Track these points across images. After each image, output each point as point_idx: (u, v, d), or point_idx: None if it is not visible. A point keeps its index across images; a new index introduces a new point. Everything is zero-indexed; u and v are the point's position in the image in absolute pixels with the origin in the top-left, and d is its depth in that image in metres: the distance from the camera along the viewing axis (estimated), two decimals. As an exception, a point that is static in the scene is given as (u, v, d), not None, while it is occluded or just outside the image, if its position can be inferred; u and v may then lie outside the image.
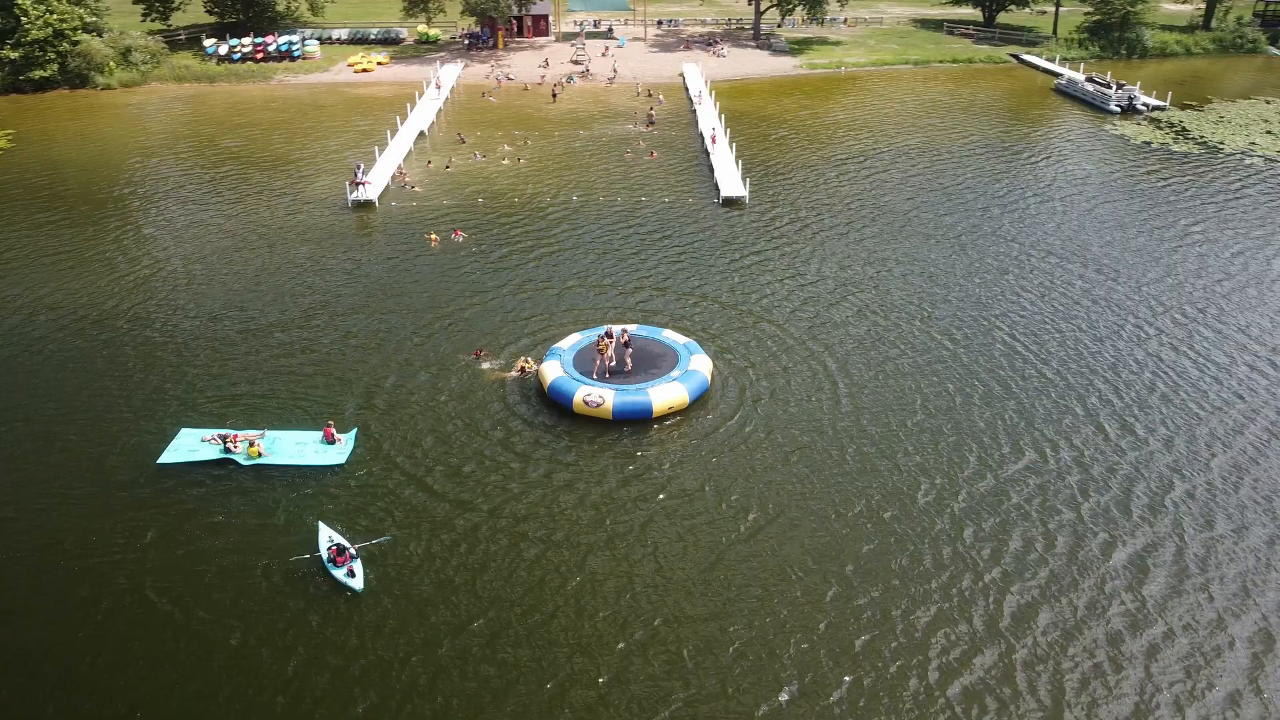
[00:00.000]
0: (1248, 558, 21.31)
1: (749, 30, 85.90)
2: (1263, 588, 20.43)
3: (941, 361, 29.61)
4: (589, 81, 68.39)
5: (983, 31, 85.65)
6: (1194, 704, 17.63)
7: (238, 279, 35.84)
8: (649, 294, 34.46)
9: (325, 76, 70.18)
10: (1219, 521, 22.49)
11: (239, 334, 31.59)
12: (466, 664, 18.51)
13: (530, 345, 30.48)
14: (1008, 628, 19.35)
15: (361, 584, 20.05)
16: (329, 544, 20.73)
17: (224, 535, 22.01)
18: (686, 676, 18.26)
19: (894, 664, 18.52)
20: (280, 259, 37.62)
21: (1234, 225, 41.33)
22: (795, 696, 17.82)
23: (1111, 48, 78.89)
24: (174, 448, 24.87)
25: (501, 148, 51.82)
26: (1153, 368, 29.35)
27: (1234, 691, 17.90)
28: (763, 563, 21.12)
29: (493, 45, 78.12)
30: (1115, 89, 62.29)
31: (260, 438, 24.96)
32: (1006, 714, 17.44)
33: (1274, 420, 26.57)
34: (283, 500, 23.15)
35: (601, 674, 18.32)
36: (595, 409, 25.80)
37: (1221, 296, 34.43)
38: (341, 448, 24.79)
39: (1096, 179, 47.93)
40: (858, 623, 19.49)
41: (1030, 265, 37.10)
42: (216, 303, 33.85)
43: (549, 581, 20.62)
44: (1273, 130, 56.35)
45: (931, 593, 20.26)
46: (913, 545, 21.66)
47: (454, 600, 20.07)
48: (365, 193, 42.66)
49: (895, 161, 50.36)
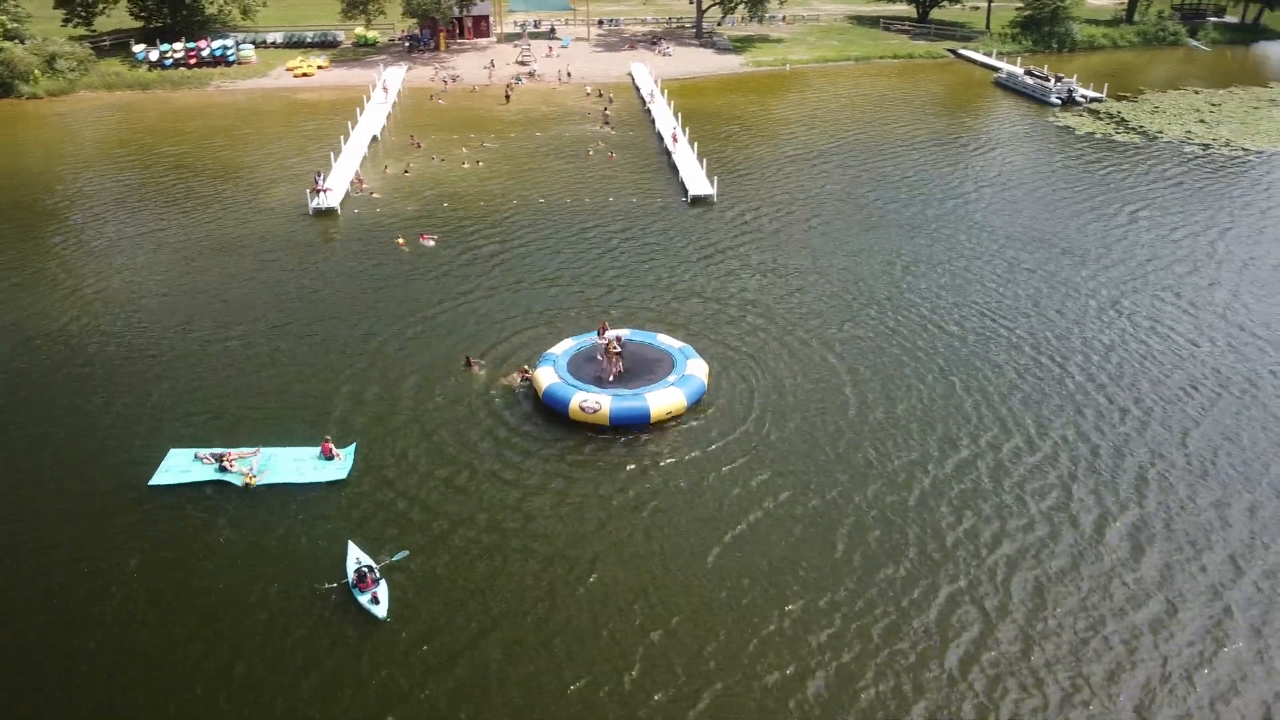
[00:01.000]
0: (1228, 526, 22.01)
1: (691, 29, 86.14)
2: (1249, 556, 21.14)
3: (934, 351, 29.98)
4: (537, 83, 67.71)
5: (918, 27, 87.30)
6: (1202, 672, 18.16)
7: (202, 292, 34.52)
8: (627, 294, 34.22)
9: (264, 82, 68.22)
10: (1201, 493, 23.24)
11: (213, 348, 30.42)
12: (487, 682, 18.03)
13: (512, 349, 30.05)
14: (1018, 606, 19.66)
15: (385, 611, 19.34)
16: (356, 565, 20.00)
17: (227, 560, 21.14)
18: (710, 677, 18.14)
19: (915, 651, 18.68)
20: (244, 270, 36.37)
21: (1178, 209, 42.79)
22: (823, 690, 17.80)
23: (1043, 41, 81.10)
24: (165, 469, 23.82)
25: (459, 151, 50.98)
26: (1121, 347, 30.17)
27: (1234, 662, 18.49)
28: (773, 558, 21.09)
29: (434, 47, 76.89)
30: (1054, 82, 64.05)
31: (255, 455, 24.08)
32: (1029, 692, 17.74)
33: (1244, 390, 27.51)
34: (287, 521, 22.33)
35: (625, 682, 18.04)
36: (592, 415, 25.41)
37: (1178, 276, 35.63)
38: (341, 463, 24.03)
39: (1049, 169, 49.18)
40: (873, 613, 19.60)
41: (996, 252, 37.86)
42: (183, 317, 32.56)
43: (559, 591, 20.25)
44: (1205, 119, 58.54)
45: (939, 580, 20.46)
46: (916, 530, 21.85)
47: (466, 616, 19.55)
48: (326, 200, 41.53)
49: (853, 156, 50.95)
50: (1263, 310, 33.05)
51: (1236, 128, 56.66)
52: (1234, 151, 52.09)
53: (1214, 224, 41.32)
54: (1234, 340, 30.92)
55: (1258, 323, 32.11)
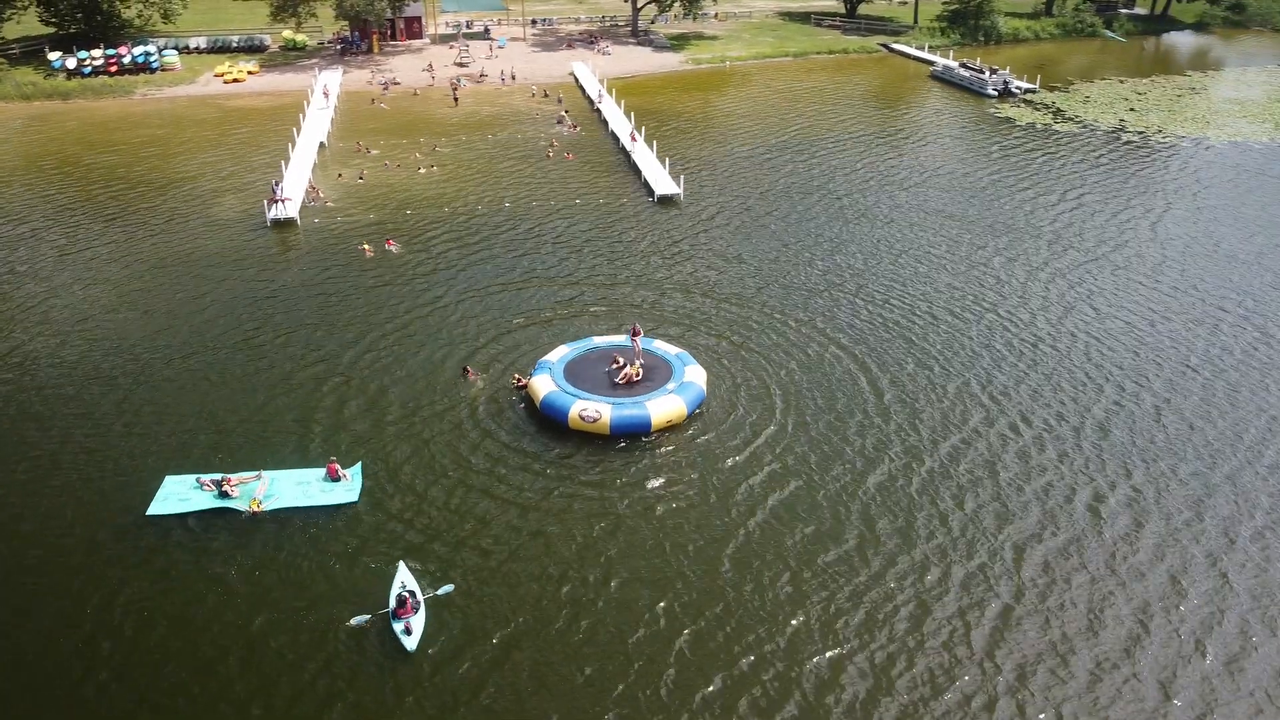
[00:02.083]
0: (1212, 495, 22.81)
1: (624, 27, 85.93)
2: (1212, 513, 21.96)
3: (924, 339, 30.40)
4: (481, 84, 66.60)
5: (848, 23, 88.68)
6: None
7: (166, 311, 32.87)
8: (607, 295, 33.84)
9: (192, 89, 65.59)
10: (1182, 466, 24.08)
11: (188, 369, 29.00)
12: (522, 705, 17.53)
13: (495, 355, 29.49)
14: (1030, 584, 20.04)
15: (415, 644, 18.53)
16: (399, 590, 19.20)
17: (239, 591, 20.12)
18: (746, 678, 18.00)
19: (942, 633, 18.89)
20: (206, 286, 34.79)
21: (1119, 193, 44.33)
22: (859, 680, 17.82)
23: (970, 35, 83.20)
24: (162, 497, 22.59)
25: (413, 156, 49.79)
26: (1089, 329, 31.05)
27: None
28: (789, 552, 21.05)
29: (367, 50, 75.03)
30: (990, 74, 65.72)
31: (256, 479, 23.01)
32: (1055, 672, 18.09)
33: (1205, 363, 28.57)
34: (300, 547, 21.37)
35: (661, 691, 17.76)
36: (591, 424, 24.93)
37: (1128, 257, 36.92)
38: (349, 484, 23.12)
39: (1000, 158, 50.38)
40: (895, 600, 19.74)
41: (958, 237, 38.64)
42: (147, 337, 30.97)
43: (581, 603, 19.84)
44: (1135, 108, 60.78)
45: (953, 562, 20.72)
46: (923, 515, 22.08)
47: (486, 637, 18.99)
48: (286, 210, 40.07)
49: (806, 150, 51.38)
50: (1209, 287, 34.39)
51: (1165, 115, 58.95)
52: (1166, 138, 54.17)
53: (1154, 206, 42.98)
54: (1192, 315, 32.17)
55: (1210, 301, 33.38)
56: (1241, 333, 31.24)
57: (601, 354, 27.71)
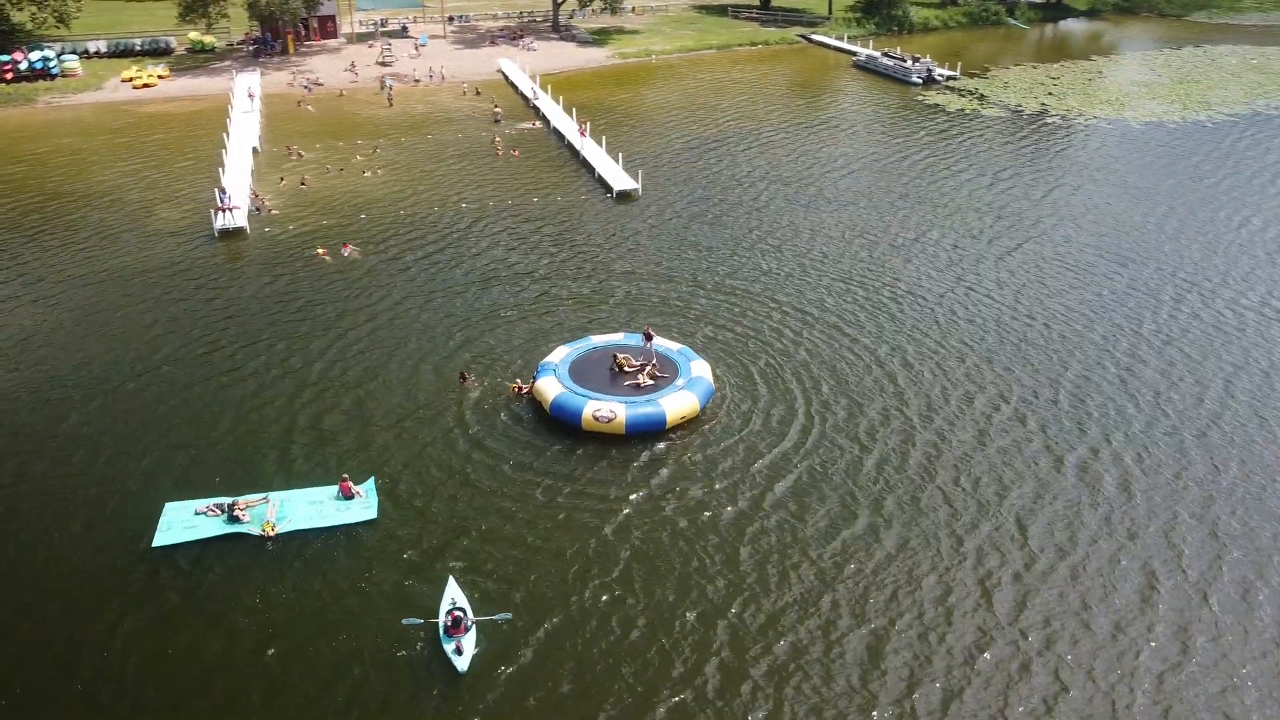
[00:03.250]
0: (1186, 455, 23.98)
1: (543, 22, 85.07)
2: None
3: (897, 327, 30.99)
4: (417, 85, 64.83)
5: (765, 15, 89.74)
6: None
7: (113, 331, 30.89)
8: (585, 293, 33.44)
9: (100, 95, 62.06)
10: (1155, 429, 25.22)
11: (160, 390, 27.42)
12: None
13: (477, 356, 28.87)
14: (1040, 552, 20.69)
15: (466, 665, 17.88)
16: (450, 607, 18.49)
17: (268, 620, 19.14)
18: (786, 670, 18.08)
19: (965, 605, 19.32)
20: (154, 302, 32.89)
21: (1053, 171, 46.09)
22: (901, 662, 18.09)
23: (884, 24, 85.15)
24: (166, 526, 21.30)
25: (354, 159, 48.22)
26: (1048, 302, 32.22)
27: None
28: (805, 540, 21.22)
29: (282, 51, 72.32)
30: (912, 62, 67.38)
31: (264, 502, 21.90)
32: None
33: (1156, 330, 29.98)
34: (326, 569, 20.45)
35: (708, 690, 17.72)
36: (606, 425, 24.55)
37: (1072, 231, 38.45)
38: (364, 501, 22.22)
39: (935, 142, 51.69)
40: (915, 574, 20.11)
41: (911, 221, 39.50)
42: (96, 359, 29.11)
43: (620, 611, 19.60)
44: (1053, 92, 63.21)
45: (962, 534, 21.22)
46: (927, 495, 22.55)
47: (522, 648, 18.63)
48: (234, 218, 38.26)
49: (748, 141, 51.78)
50: (1148, 258, 36.08)
51: (1082, 98, 61.49)
52: (1088, 120, 56.51)
53: (1082, 184, 44.96)
54: (1139, 286, 33.75)
55: (1151, 271, 35.02)
56: (1184, 298, 32.89)
57: (603, 353, 27.32)
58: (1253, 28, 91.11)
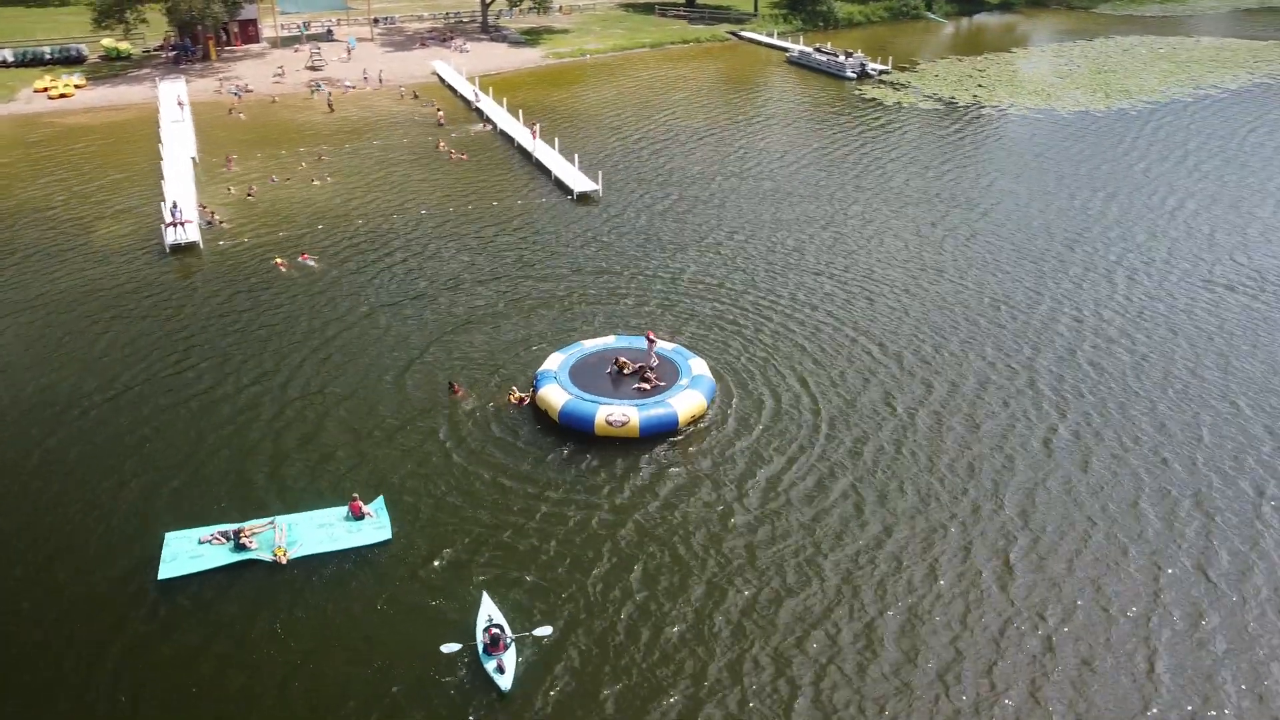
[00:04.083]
0: (1165, 430, 25.13)
1: (471, 23, 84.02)
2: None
3: (873, 307, 31.58)
4: (340, 89, 63.22)
5: (692, 12, 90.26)
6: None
7: (79, 359, 29.27)
8: (559, 295, 33.18)
9: (13, 107, 58.88)
10: (1131, 407, 26.32)
11: (132, 416, 26.16)
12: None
13: (464, 361, 28.39)
14: (1039, 528, 21.42)
15: (509, 684, 17.52)
16: (486, 623, 18.09)
17: (295, 650, 18.47)
18: (820, 668, 18.30)
19: (983, 575, 19.90)
20: (108, 324, 31.28)
21: (998, 158, 47.55)
22: (937, 647, 18.53)
23: (810, 20, 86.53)
24: (170, 557, 20.37)
25: (299, 167, 46.84)
26: (1005, 283, 33.32)
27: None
28: (819, 532, 21.56)
29: (203, 57, 69.79)
30: (845, 57, 68.58)
31: (270, 527, 21.12)
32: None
33: (1115, 311, 31.27)
34: (347, 592, 19.83)
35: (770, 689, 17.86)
36: (620, 429, 24.37)
37: (1022, 217, 39.78)
38: (376, 520, 21.61)
39: (879, 135, 52.75)
40: (932, 551, 20.60)
41: (874, 210, 40.31)
42: (66, 388, 27.69)
43: (652, 617, 19.57)
44: (983, 84, 65.11)
45: (964, 515, 21.83)
46: (933, 479, 23.12)
47: (567, 671, 18.47)
48: (186, 233, 36.76)
49: (696, 137, 52.06)
50: (1095, 239, 37.53)
51: (1011, 89, 63.51)
52: (1020, 110, 58.39)
53: (1024, 172, 46.44)
54: (1090, 268, 35.05)
55: (1099, 252, 36.43)
56: (1135, 281, 34.27)
57: (599, 356, 27.13)
58: (1153, 19, 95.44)
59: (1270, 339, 30.17)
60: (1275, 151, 49.67)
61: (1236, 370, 28.34)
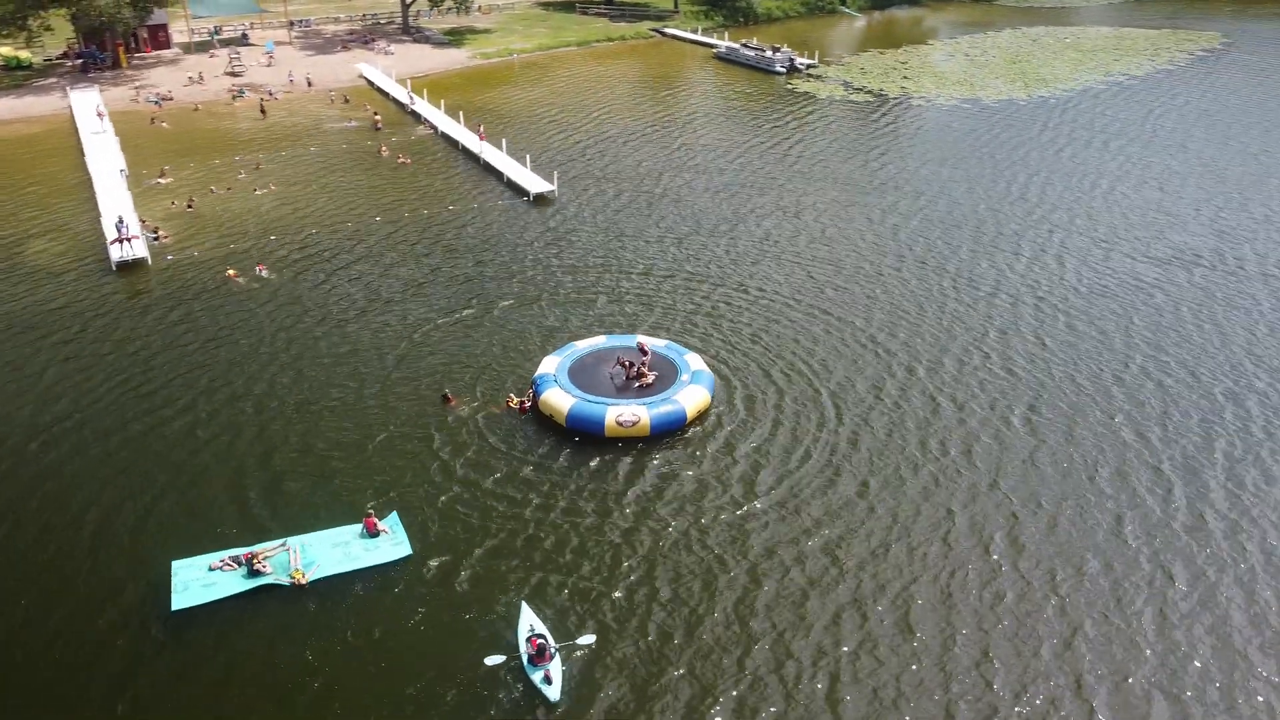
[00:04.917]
0: (1142, 403, 26.49)
1: (389, 24, 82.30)
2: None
3: (851, 304, 32.25)
4: (262, 94, 61.16)
5: (613, 10, 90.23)
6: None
7: (35, 386, 27.74)
8: (531, 296, 32.90)
9: (-91, 121, 55.31)
10: (1082, 374, 27.64)
11: (110, 442, 24.91)
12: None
13: (449, 367, 27.97)
14: (1045, 506, 22.35)
15: (558, 694, 17.31)
16: (529, 633, 17.79)
17: (319, 680, 17.91)
18: (858, 667, 18.74)
19: (991, 553, 20.64)
20: (66, 348, 29.79)
21: (931, 150, 48.99)
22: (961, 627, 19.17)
23: (730, 16, 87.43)
24: (181, 587, 19.51)
25: (238, 176, 45.19)
26: (957, 272, 34.49)
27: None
28: (828, 528, 22.02)
29: (113, 64, 66.66)
30: (773, 52, 69.55)
31: (283, 550, 20.42)
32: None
33: (1067, 294, 32.70)
34: (375, 615, 19.30)
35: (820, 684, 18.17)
36: (631, 429, 24.30)
37: (968, 201, 41.16)
38: (393, 536, 21.09)
39: (817, 128, 53.68)
40: (938, 533, 21.27)
41: (829, 199, 41.07)
42: (24, 417, 26.25)
43: (687, 619, 19.69)
44: (908, 76, 66.85)
45: (962, 494, 22.60)
46: (933, 466, 23.85)
47: (612, 678, 18.45)
48: (134, 249, 35.10)
49: (638, 136, 52.13)
50: (1039, 221, 39.10)
51: (935, 81, 65.37)
52: (947, 100, 60.16)
53: (964, 159, 47.93)
54: (1038, 253, 36.45)
55: (1043, 238, 37.97)
56: (1084, 268, 35.76)
57: (595, 357, 26.99)
58: (1050, 10, 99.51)
59: (1216, 310, 31.86)
60: (1187, 135, 52.34)
61: (1193, 341, 29.85)
